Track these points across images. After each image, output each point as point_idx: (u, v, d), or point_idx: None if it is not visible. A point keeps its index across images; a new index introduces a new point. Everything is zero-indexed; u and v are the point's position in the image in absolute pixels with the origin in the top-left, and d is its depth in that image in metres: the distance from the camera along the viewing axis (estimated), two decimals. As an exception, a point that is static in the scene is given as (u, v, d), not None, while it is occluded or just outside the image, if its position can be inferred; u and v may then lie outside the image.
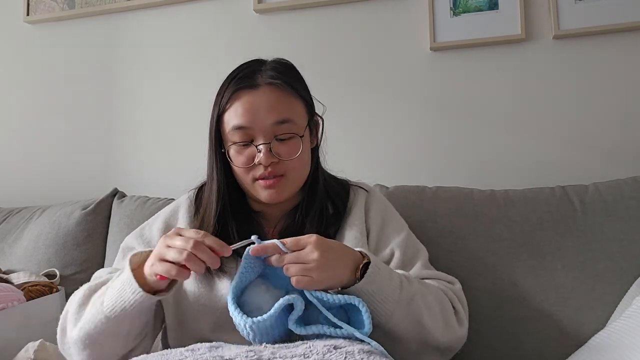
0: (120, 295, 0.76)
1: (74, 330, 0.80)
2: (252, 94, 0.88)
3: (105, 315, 0.77)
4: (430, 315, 0.80)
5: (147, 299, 0.75)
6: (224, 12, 1.65)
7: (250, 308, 0.71)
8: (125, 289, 0.76)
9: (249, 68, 0.92)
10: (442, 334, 0.82)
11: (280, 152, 0.88)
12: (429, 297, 0.82)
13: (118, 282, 0.78)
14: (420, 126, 1.48)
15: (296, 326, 0.69)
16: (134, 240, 0.98)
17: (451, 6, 1.46)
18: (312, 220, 0.92)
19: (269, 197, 0.90)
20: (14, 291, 1.16)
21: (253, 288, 0.74)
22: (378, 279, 0.75)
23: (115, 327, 0.78)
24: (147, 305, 0.78)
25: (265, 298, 0.72)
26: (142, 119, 1.71)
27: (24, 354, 0.97)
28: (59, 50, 1.81)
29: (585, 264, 1.06)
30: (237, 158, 0.90)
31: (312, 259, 0.71)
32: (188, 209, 0.99)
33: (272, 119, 0.87)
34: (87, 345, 0.79)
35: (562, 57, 1.39)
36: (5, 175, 1.83)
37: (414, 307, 0.78)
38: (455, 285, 0.92)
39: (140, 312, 0.78)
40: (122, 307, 0.76)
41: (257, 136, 0.88)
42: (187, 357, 0.63)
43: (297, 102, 0.92)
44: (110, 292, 0.78)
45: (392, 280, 0.78)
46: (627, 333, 0.80)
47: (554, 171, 1.36)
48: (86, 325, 0.78)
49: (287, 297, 0.69)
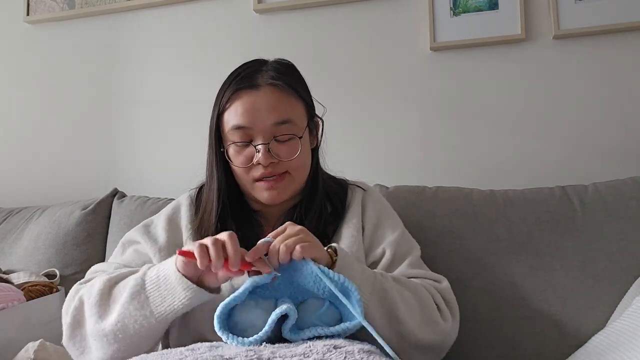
0: (170, 292, 0.74)
1: (103, 323, 0.77)
2: (252, 94, 0.88)
3: (151, 310, 0.75)
4: (407, 309, 0.79)
5: (200, 296, 0.73)
6: (224, 12, 1.65)
7: (243, 327, 0.70)
8: (173, 285, 0.74)
9: (250, 68, 0.92)
10: (420, 329, 0.80)
11: (279, 153, 0.88)
12: (405, 292, 0.81)
13: (156, 278, 0.76)
14: (420, 126, 1.48)
15: (290, 334, 0.69)
16: (138, 235, 0.96)
17: (451, 6, 1.46)
18: (311, 220, 0.92)
19: (269, 198, 0.90)
20: (14, 291, 1.16)
21: (242, 307, 0.72)
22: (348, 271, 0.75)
23: (157, 324, 0.76)
24: (196, 303, 0.75)
25: (257, 314, 0.71)
26: (142, 119, 1.71)
27: (24, 354, 0.97)
28: (59, 50, 1.81)
29: (585, 264, 1.06)
30: (236, 158, 0.90)
31: (298, 230, 0.75)
32: (189, 207, 0.99)
33: (272, 120, 0.87)
34: (120, 339, 0.77)
35: (562, 57, 1.39)
36: (5, 175, 1.83)
37: (389, 300, 0.77)
38: (442, 284, 0.91)
39: (188, 309, 0.75)
40: (171, 303, 0.74)
41: (257, 136, 0.88)
42: (187, 357, 0.63)
43: (298, 103, 0.92)
44: (153, 287, 0.76)
45: (364, 274, 0.78)
46: (627, 333, 0.80)
47: (553, 171, 1.36)
48: (126, 320, 0.76)
49: (280, 309, 0.68)
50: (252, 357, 0.60)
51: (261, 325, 0.68)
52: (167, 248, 0.92)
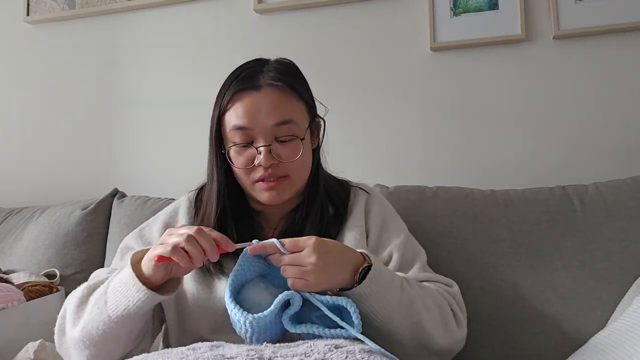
0: (124, 295, 0.75)
1: (74, 330, 0.79)
2: (253, 95, 0.87)
3: (109, 315, 0.76)
4: (430, 318, 0.80)
5: (151, 298, 0.74)
6: (224, 12, 1.65)
7: (249, 306, 0.71)
8: (128, 288, 0.75)
9: (251, 68, 0.91)
10: (441, 337, 0.81)
11: (280, 154, 0.88)
12: (428, 300, 0.82)
13: (118, 282, 0.77)
14: (420, 126, 1.48)
15: (289, 323, 0.70)
16: (133, 240, 0.97)
17: (451, 6, 1.46)
18: (313, 222, 0.91)
19: (269, 199, 0.90)
20: (14, 291, 1.16)
21: (251, 287, 0.74)
22: (379, 282, 0.75)
23: (118, 328, 0.77)
24: (150, 305, 0.77)
25: (264, 296, 0.72)
26: (142, 119, 1.71)
27: (24, 354, 0.97)
28: (59, 50, 1.81)
29: (585, 264, 1.06)
30: (237, 159, 0.89)
31: (309, 262, 0.70)
32: (188, 210, 0.98)
33: (273, 121, 0.87)
34: (88, 345, 0.78)
35: (562, 57, 1.39)
36: (5, 175, 1.83)
37: (414, 310, 0.78)
38: (453, 288, 0.92)
39: (143, 312, 0.77)
40: (126, 306, 0.74)
41: (258, 137, 0.87)
42: (188, 356, 0.63)
43: (299, 104, 0.91)
44: (112, 291, 0.77)
45: (393, 282, 0.77)
46: (627, 333, 0.80)
47: (554, 171, 1.36)
48: (88, 326, 0.77)
49: (286, 293, 0.70)
50: (254, 357, 0.60)
51: (266, 307, 0.69)
52: None
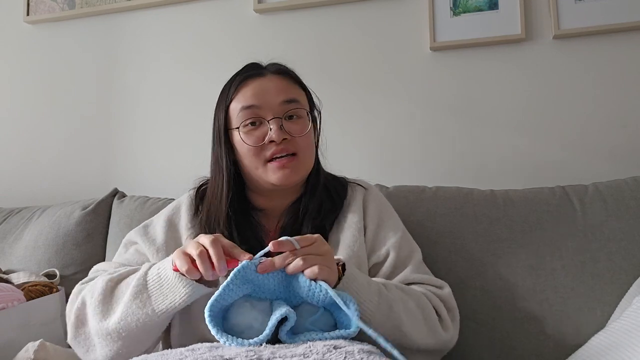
0: (170, 289, 0.76)
1: (105, 322, 0.79)
2: (259, 80, 0.93)
3: (153, 308, 0.77)
4: (411, 322, 0.80)
5: (198, 291, 0.75)
6: (224, 12, 1.65)
7: (239, 330, 0.70)
8: (174, 283, 0.76)
9: (253, 65, 0.97)
10: (423, 340, 0.82)
11: (290, 130, 0.91)
12: (409, 303, 0.82)
13: (158, 277, 0.78)
14: (420, 126, 1.48)
15: (287, 337, 0.69)
16: (137, 236, 0.98)
17: (451, 6, 1.46)
18: (311, 217, 0.92)
19: (281, 178, 0.91)
20: (14, 291, 1.16)
21: (237, 309, 0.72)
22: (354, 284, 0.76)
23: (160, 321, 0.78)
24: (195, 298, 0.77)
25: (253, 315, 0.71)
26: (142, 118, 1.71)
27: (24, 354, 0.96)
28: (59, 50, 1.81)
29: (585, 264, 1.06)
30: (248, 138, 0.91)
31: (325, 250, 0.75)
32: (189, 207, 0.99)
33: (281, 98, 0.91)
34: (124, 337, 0.79)
35: (562, 57, 1.39)
36: (5, 175, 1.83)
37: (394, 313, 0.78)
38: (443, 290, 0.92)
39: (187, 305, 0.77)
40: (172, 300, 0.76)
41: (267, 114, 0.90)
42: (187, 357, 0.63)
43: (301, 91, 0.97)
44: (155, 285, 0.77)
45: (369, 287, 0.78)
46: (627, 333, 0.80)
47: (554, 171, 1.36)
48: (127, 318, 0.77)
49: (280, 312, 0.68)
50: (252, 358, 0.60)
51: (258, 326, 0.69)
52: (165, 248, 0.93)
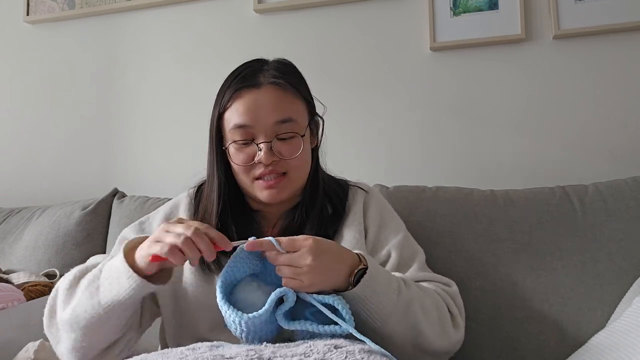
0: (116, 282, 0.74)
1: (64, 312, 0.79)
2: (254, 93, 0.87)
3: (99, 300, 0.75)
4: (427, 320, 0.79)
5: (143, 286, 0.73)
6: (224, 12, 1.65)
7: (242, 305, 0.70)
8: (120, 275, 0.74)
9: (251, 67, 0.91)
10: (438, 339, 0.81)
11: (281, 151, 0.88)
12: (426, 301, 0.81)
13: (109, 268, 0.76)
14: (420, 126, 1.48)
15: (283, 319, 0.70)
16: (132, 232, 0.97)
17: (451, 6, 1.46)
18: (312, 221, 0.91)
19: (269, 197, 0.90)
20: (14, 291, 1.16)
21: (244, 286, 0.73)
22: (374, 284, 0.74)
23: (106, 314, 0.76)
24: (141, 294, 0.75)
25: (258, 295, 0.71)
26: (142, 118, 1.71)
27: (24, 354, 0.96)
28: (59, 50, 1.81)
29: (585, 264, 1.06)
30: (237, 156, 0.89)
31: (304, 264, 0.70)
32: (188, 206, 0.99)
33: (274, 119, 0.87)
34: (75, 329, 0.78)
35: (562, 57, 1.39)
36: (5, 175, 1.83)
37: (411, 312, 0.77)
38: (451, 288, 0.91)
39: (133, 300, 0.75)
40: (117, 292, 0.74)
41: (258, 135, 0.87)
42: (187, 356, 0.62)
43: (299, 102, 0.91)
44: (104, 276, 0.76)
45: (389, 285, 0.77)
46: (627, 333, 0.80)
47: (554, 171, 1.36)
48: (77, 309, 0.77)
49: (279, 290, 0.69)
50: (253, 357, 0.60)
51: (260, 306, 0.69)
52: None
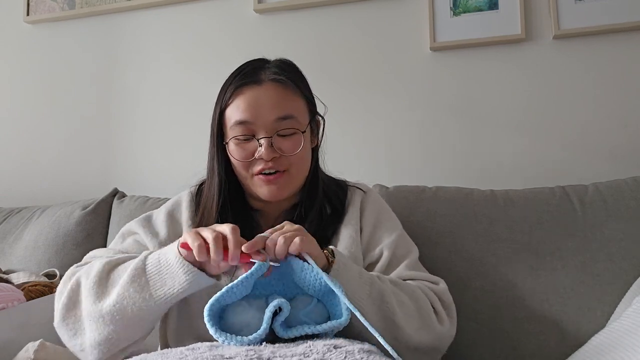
0: (170, 275, 0.74)
1: (100, 304, 0.77)
2: (255, 90, 0.88)
3: (150, 293, 0.75)
4: (404, 314, 0.79)
5: (199, 279, 0.73)
6: (224, 12, 1.65)
7: (238, 328, 0.70)
8: (174, 269, 0.74)
9: (253, 65, 0.92)
10: (417, 333, 0.80)
11: (282, 147, 0.88)
12: (402, 295, 0.81)
13: (158, 262, 0.76)
14: (420, 126, 1.48)
15: (281, 330, 0.69)
16: (139, 226, 0.96)
17: (451, 6, 1.46)
18: (311, 221, 0.92)
19: (268, 194, 0.90)
20: (14, 291, 1.15)
21: (234, 308, 0.71)
22: (346, 273, 0.75)
23: (156, 307, 0.75)
24: (195, 288, 0.75)
25: (251, 313, 0.70)
26: (142, 118, 1.71)
27: (24, 354, 0.96)
28: (59, 50, 1.81)
29: (585, 264, 1.06)
30: (237, 152, 0.89)
31: (294, 228, 0.75)
32: (189, 204, 0.99)
33: (275, 115, 0.87)
34: (117, 321, 0.76)
35: (562, 57, 1.39)
36: (5, 175, 1.83)
37: (385, 304, 0.77)
38: (439, 285, 0.91)
39: (182, 296, 0.75)
40: (171, 286, 0.74)
41: (259, 131, 0.88)
42: (187, 356, 0.63)
43: (300, 100, 0.92)
44: (153, 270, 0.75)
45: (361, 278, 0.77)
46: (627, 333, 0.80)
47: (554, 171, 1.36)
48: (123, 301, 0.75)
49: (273, 304, 0.68)
50: (253, 357, 0.60)
51: (256, 323, 0.68)
52: (168, 242, 0.91)
